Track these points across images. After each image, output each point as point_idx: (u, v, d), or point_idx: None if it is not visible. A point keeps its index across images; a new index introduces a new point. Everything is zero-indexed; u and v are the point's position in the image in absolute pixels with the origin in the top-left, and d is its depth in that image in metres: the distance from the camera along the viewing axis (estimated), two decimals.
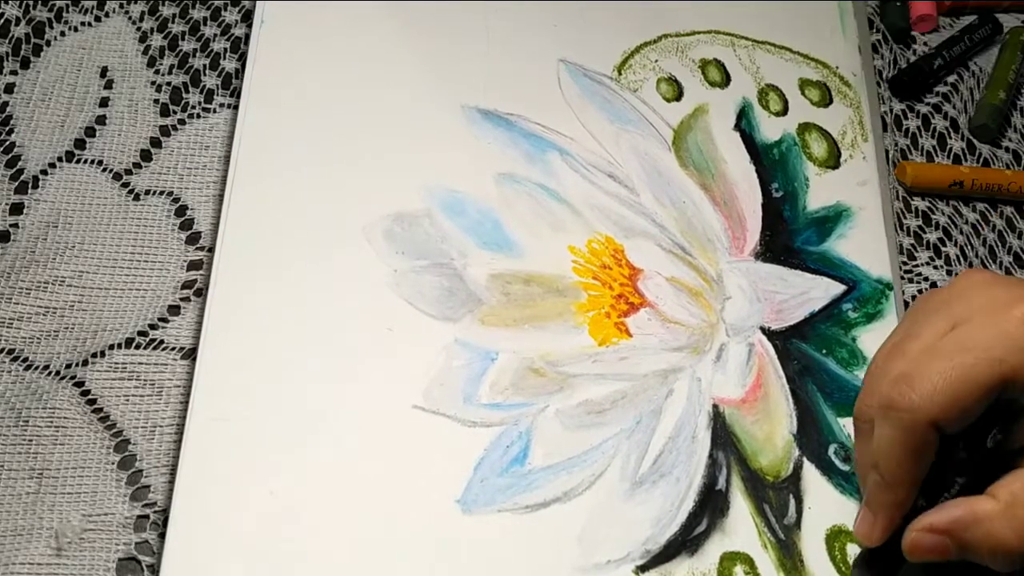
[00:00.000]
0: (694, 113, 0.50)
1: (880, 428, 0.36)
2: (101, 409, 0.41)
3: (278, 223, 0.44)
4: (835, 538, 0.41)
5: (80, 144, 0.47)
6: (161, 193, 0.47)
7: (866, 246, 0.48)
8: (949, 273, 0.49)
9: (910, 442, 0.35)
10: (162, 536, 0.38)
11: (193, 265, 0.45)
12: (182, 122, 0.49)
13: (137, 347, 0.43)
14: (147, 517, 0.39)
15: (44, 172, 0.46)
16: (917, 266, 0.49)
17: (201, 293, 0.44)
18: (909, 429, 0.35)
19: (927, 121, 0.54)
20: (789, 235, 0.48)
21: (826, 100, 0.52)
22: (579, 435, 0.41)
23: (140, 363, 0.42)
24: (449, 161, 0.46)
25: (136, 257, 0.45)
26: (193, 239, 0.46)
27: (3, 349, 0.42)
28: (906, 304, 0.49)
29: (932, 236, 0.51)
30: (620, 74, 0.51)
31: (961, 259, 0.50)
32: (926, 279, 0.49)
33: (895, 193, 0.51)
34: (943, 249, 0.50)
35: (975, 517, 0.35)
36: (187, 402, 0.40)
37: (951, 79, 0.56)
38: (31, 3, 0.51)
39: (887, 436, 0.36)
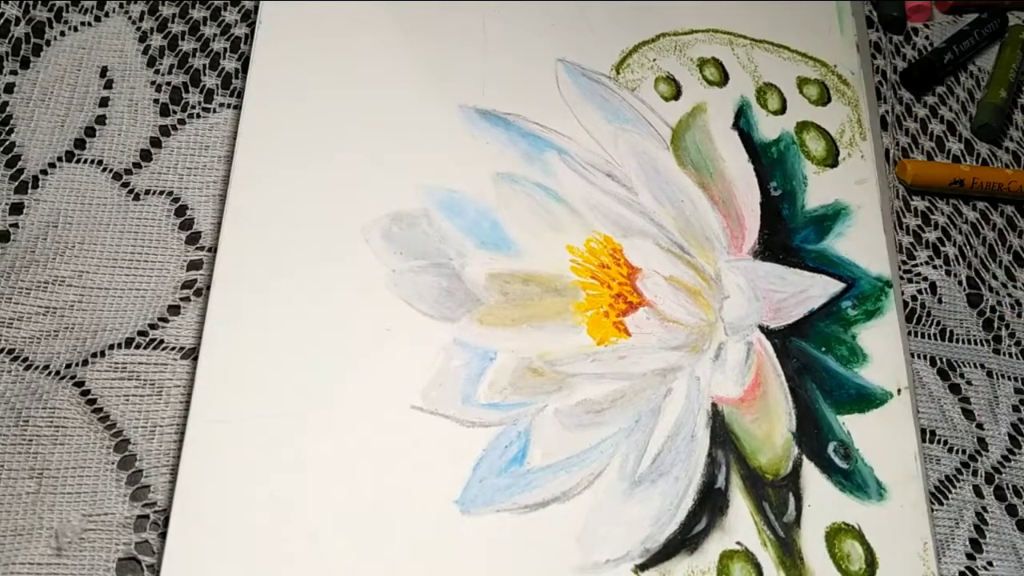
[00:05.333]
0: (692, 112, 0.50)
1: None
2: (101, 409, 0.41)
3: (278, 224, 0.44)
4: (835, 535, 0.41)
5: (80, 144, 0.47)
6: (161, 193, 0.47)
7: (865, 244, 0.48)
8: (948, 273, 0.49)
9: None
10: (162, 536, 0.38)
11: (193, 265, 0.45)
12: (182, 122, 0.49)
13: (137, 347, 0.43)
14: (147, 517, 0.39)
15: (44, 172, 0.46)
16: (916, 265, 0.49)
17: (201, 293, 0.44)
18: None
19: (924, 125, 0.54)
20: (788, 233, 0.48)
21: (824, 98, 0.52)
22: (578, 434, 0.41)
23: (140, 363, 0.43)
24: (447, 161, 0.46)
25: (136, 257, 0.45)
26: (193, 239, 0.46)
27: (3, 349, 0.42)
28: (905, 303, 0.49)
29: (931, 235, 0.51)
30: (618, 73, 0.51)
31: (960, 259, 0.50)
32: (925, 279, 0.49)
33: (895, 192, 0.51)
34: (942, 249, 0.50)
35: None
36: (187, 402, 0.40)
37: (949, 80, 0.56)
38: (31, 3, 0.51)
39: None
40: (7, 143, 0.47)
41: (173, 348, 0.43)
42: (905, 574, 0.41)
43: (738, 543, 0.41)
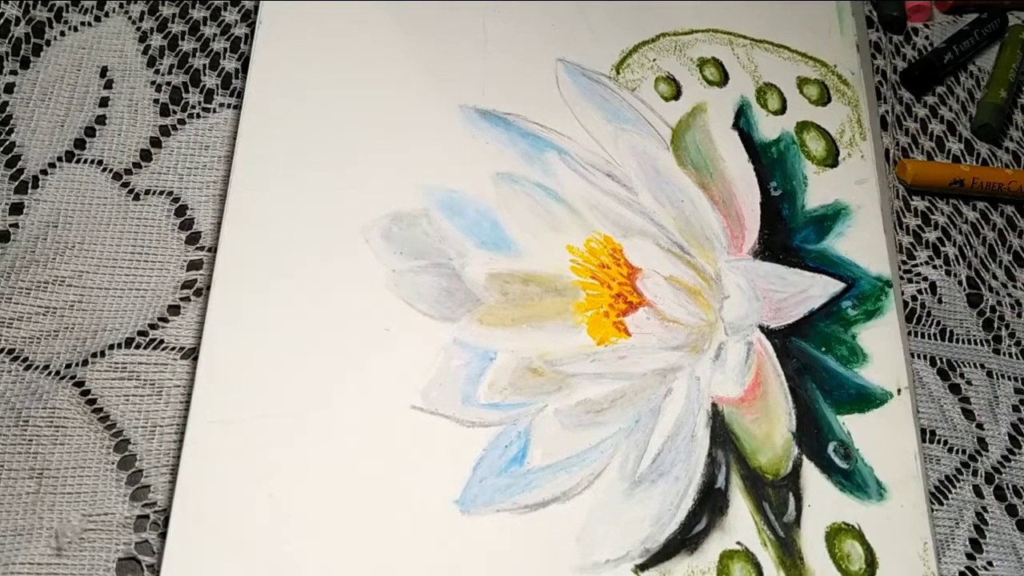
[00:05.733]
0: (692, 112, 0.50)
1: None
2: (101, 409, 0.41)
3: (278, 224, 0.44)
4: (835, 535, 0.41)
5: (80, 144, 0.47)
6: (161, 193, 0.47)
7: (865, 244, 0.48)
8: (948, 273, 0.49)
9: None
10: (162, 536, 0.38)
11: (193, 265, 0.45)
12: (182, 122, 0.49)
13: (137, 347, 0.43)
14: (147, 517, 0.39)
15: (44, 172, 0.46)
16: (916, 265, 0.49)
17: (201, 293, 0.44)
18: None
19: (924, 125, 0.54)
20: (788, 233, 0.48)
21: (824, 98, 0.52)
22: (578, 434, 0.41)
23: (140, 363, 0.43)
24: (447, 161, 0.46)
25: (136, 257, 0.45)
26: (193, 239, 0.46)
27: (3, 349, 0.42)
28: (905, 303, 0.49)
29: (931, 235, 0.51)
30: (618, 73, 0.51)
31: (960, 259, 0.50)
32: (925, 279, 0.49)
33: (895, 192, 0.51)
34: (942, 249, 0.50)
35: None
36: (187, 402, 0.40)
37: (949, 80, 0.56)
38: (31, 3, 0.51)
39: None
40: (7, 143, 0.47)
41: (173, 348, 0.43)
42: (905, 574, 0.41)
43: (738, 543, 0.41)
